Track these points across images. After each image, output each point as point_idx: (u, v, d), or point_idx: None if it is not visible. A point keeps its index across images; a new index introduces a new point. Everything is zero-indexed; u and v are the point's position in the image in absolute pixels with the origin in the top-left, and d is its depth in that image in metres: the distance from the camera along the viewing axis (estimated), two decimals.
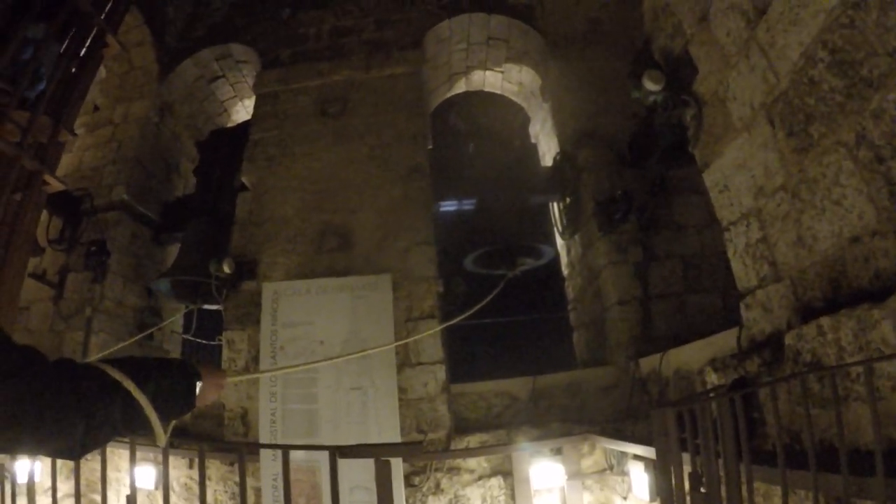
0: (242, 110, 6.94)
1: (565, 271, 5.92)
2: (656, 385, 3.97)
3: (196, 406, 1.16)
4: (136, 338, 5.19)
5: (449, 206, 5.49)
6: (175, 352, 6.10)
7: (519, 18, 5.76)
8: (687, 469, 2.31)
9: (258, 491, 4.08)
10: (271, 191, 5.15)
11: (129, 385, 0.98)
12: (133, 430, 1.02)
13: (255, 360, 4.46)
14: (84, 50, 4.49)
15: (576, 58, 5.45)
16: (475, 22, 5.85)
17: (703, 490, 2.11)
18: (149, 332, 5.41)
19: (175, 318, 5.92)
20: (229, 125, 6.92)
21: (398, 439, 3.99)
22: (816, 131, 2.28)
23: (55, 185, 4.20)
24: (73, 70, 4.41)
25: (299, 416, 4.19)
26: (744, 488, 1.98)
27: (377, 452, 2.18)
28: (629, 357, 4.39)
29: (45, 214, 4.96)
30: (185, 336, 6.02)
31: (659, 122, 4.29)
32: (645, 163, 4.85)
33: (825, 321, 2.21)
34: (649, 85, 3.28)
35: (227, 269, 4.69)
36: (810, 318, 2.35)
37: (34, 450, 0.92)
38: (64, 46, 4.33)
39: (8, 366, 0.82)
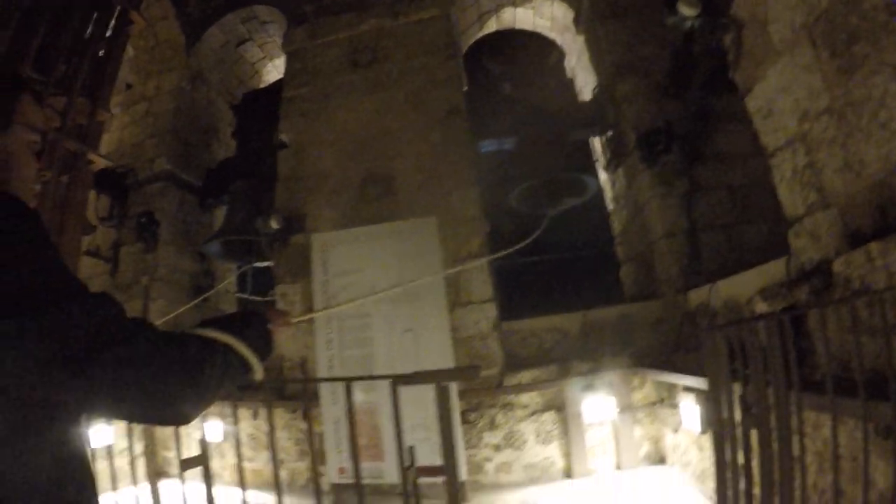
0: (273, 70, 7.02)
1: (610, 206, 5.90)
2: (705, 317, 4.01)
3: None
4: (193, 302, 5.45)
5: (490, 146, 5.49)
6: (231, 311, 6.45)
7: None
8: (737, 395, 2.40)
9: (321, 436, 4.39)
10: (310, 145, 5.28)
11: (228, 339, 1.05)
12: (233, 383, 1.08)
13: (310, 310, 4.70)
14: (110, 30, 4.63)
15: None
16: None
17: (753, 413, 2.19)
18: (204, 296, 5.72)
19: (229, 279, 6.23)
20: (261, 86, 7.01)
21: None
22: (860, 51, 2.21)
23: (100, 163, 4.43)
24: (103, 51, 4.57)
25: (355, 361, 4.41)
26: (794, 417, 2.06)
27: (437, 377, 2.33)
28: (677, 290, 4.42)
29: (92, 195, 5.22)
30: (238, 295, 6.35)
31: (697, 49, 4.18)
32: (685, 92, 4.74)
33: (874, 246, 2.21)
34: (685, 10, 3.19)
35: (274, 224, 4.89)
36: (859, 244, 2.35)
37: (142, 417, 0.95)
38: (90, 30, 4.48)
39: (121, 333, 0.86)
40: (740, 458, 2.27)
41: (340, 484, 4.24)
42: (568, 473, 4.17)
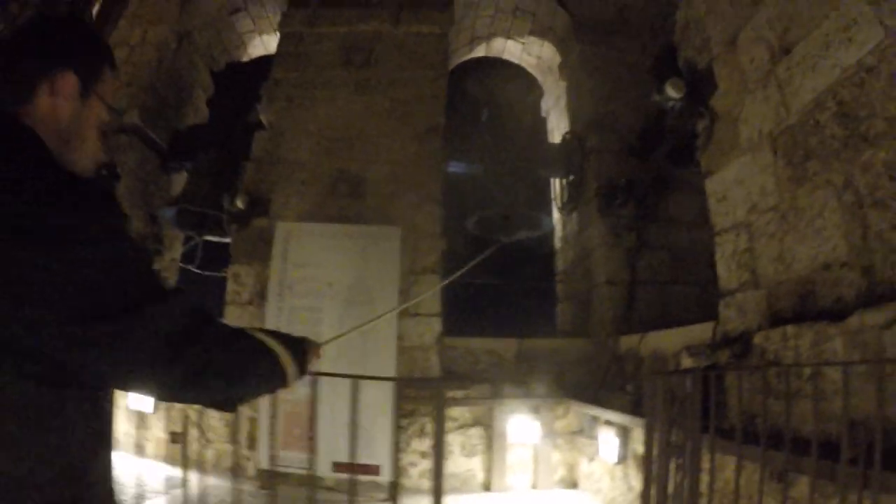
0: (260, 45, 7.09)
1: (558, 244, 6.40)
2: (632, 362, 4.52)
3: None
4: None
5: (457, 167, 5.85)
6: (173, 280, 6.42)
7: None
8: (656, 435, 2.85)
9: (252, 421, 4.57)
10: (289, 132, 5.44)
11: (281, 350, 1.20)
12: (269, 386, 1.24)
13: (260, 295, 4.86)
14: None
15: (599, 43, 5.78)
16: None
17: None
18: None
19: (176, 248, 6.23)
20: (245, 59, 7.07)
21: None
22: (812, 168, 2.72)
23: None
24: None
25: None
26: (705, 457, 2.52)
27: (439, 385, 2.63)
28: (609, 333, 4.93)
29: None
30: (183, 265, 6.34)
31: (670, 124, 4.72)
32: (649, 156, 5.29)
33: (790, 329, 2.71)
34: (671, 92, 3.67)
35: (240, 204, 5.02)
36: (778, 324, 2.86)
37: (195, 399, 1.09)
38: None
39: (190, 326, 0.94)
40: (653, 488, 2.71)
41: (268, 470, 4.41)
42: (487, 487, 4.55)
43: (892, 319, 2.09)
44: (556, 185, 6.10)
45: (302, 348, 1.30)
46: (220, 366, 1.01)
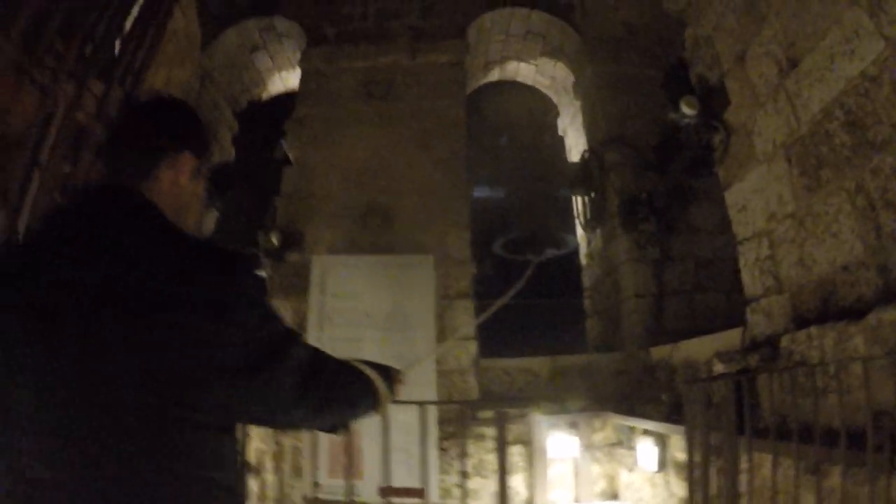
0: (279, 82, 7.47)
1: (583, 261, 6.63)
2: (665, 372, 4.71)
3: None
4: None
5: (480, 192, 6.13)
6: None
7: (559, 16, 6.32)
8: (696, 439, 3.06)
9: (297, 449, 4.84)
10: (317, 167, 5.77)
11: (378, 381, 1.38)
12: (368, 412, 1.40)
13: (299, 327, 5.13)
14: (154, 20, 5.00)
15: (610, 60, 6.06)
16: (516, 15, 6.41)
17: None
18: None
19: None
20: (264, 96, 7.46)
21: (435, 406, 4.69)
22: (825, 175, 2.95)
23: None
24: (143, 39, 4.94)
25: None
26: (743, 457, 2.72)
27: (499, 405, 2.84)
28: (640, 345, 5.12)
29: None
30: None
31: (685, 138, 4.97)
32: (667, 168, 5.52)
33: (814, 330, 2.91)
34: (686, 110, 3.93)
35: (274, 240, 5.33)
36: (803, 326, 3.06)
37: (312, 428, 1.35)
38: (136, 15, 4.86)
39: (313, 365, 1.12)
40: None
41: (314, 498, 4.64)
42: (530, 503, 4.74)
43: None
44: (577, 202, 6.34)
45: (390, 375, 1.48)
46: (335, 397, 1.23)
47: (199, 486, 0.91)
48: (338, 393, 1.24)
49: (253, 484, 4.78)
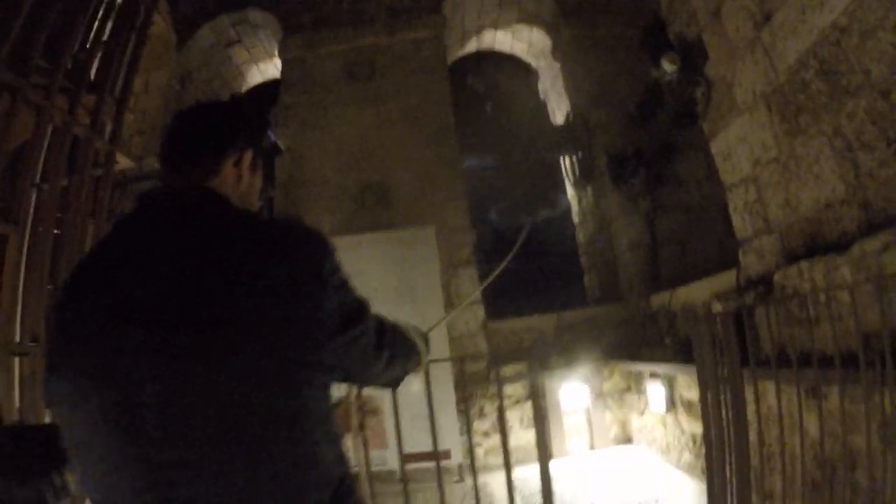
0: (258, 74, 7.54)
1: (576, 219, 6.87)
2: (665, 318, 5.00)
3: None
4: None
5: (469, 162, 6.32)
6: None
7: None
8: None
9: None
10: (308, 153, 5.92)
11: (422, 346, 1.52)
12: (412, 370, 1.55)
13: None
14: (133, 28, 5.06)
15: (587, 23, 6.21)
16: None
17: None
18: None
19: None
20: (244, 88, 7.52)
21: (448, 370, 4.93)
22: (804, 121, 3.18)
23: (125, 163, 4.91)
24: (125, 47, 4.99)
25: None
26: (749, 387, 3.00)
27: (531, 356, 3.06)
28: (640, 294, 5.41)
29: None
30: None
31: (668, 93, 5.17)
32: (651, 123, 5.74)
33: (804, 265, 3.18)
34: (667, 66, 4.13)
35: None
36: (793, 261, 3.33)
37: (384, 382, 1.41)
38: (111, 26, 4.91)
39: (380, 321, 1.25)
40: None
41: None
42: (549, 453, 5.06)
43: (887, 244, 2.55)
44: (565, 162, 6.56)
45: (424, 336, 1.59)
46: (397, 354, 1.37)
47: (325, 440, 1.02)
48: (399, 349, 1.36)
49: None
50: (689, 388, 4.17)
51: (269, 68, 7.44)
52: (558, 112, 6.89)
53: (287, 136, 5.96)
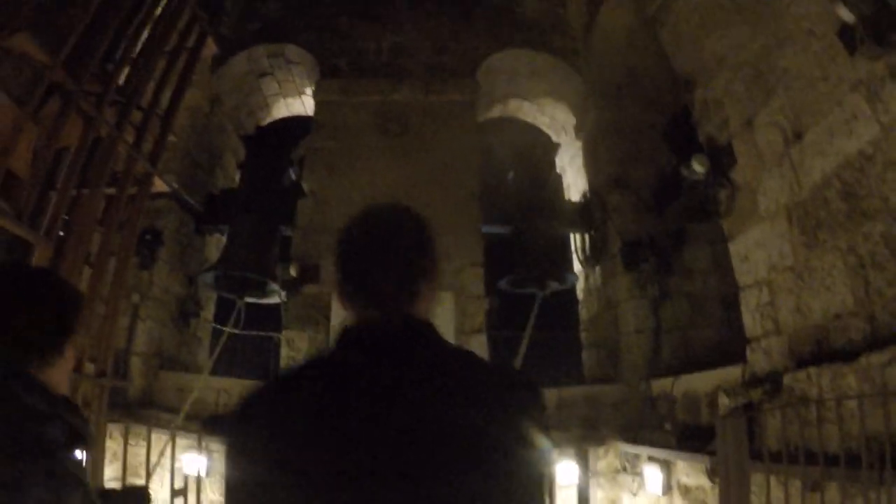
0: (284, 108, 8.00)
1: (580, 295, 7.32)
2: (665, 403, 5.39)
3: None
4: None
5: (488, 229, 6.75)
6: (206, 340, 7.13)
7: (563, 59, 7.09)
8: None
9: None
10: (332, 200, 6.28)
11: None
12: None
13: None
14: (186, 49, 5.35)
15: (613, 105, 6.82)
16: (522, 57, 7.15)
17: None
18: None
19: (209, 308, 6.96)
20: (268, 121, 7.97)
21: None
22: (821, 236, 3.68)
23: (160, 187, 5.17)
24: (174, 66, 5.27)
25: None
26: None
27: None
28: (641, 377, 5.81)
29: None
30: (216, 326, 7.06)
31: (689, 187, 5.73)
32: (664, 211, 6.28)
33: (812, 370, 3.62)
34: (697, 167, 4.66)
35: (292, 272, 5.83)
36: (799, 364, 3.77)
37: None
38: (171, 46, 5.20)
39: None
40: None
41: None
42: None
43: (892, 358, 3.01)
44: (575, 240, 7.05)
45: None
46: None
47: None
48: None
49: None
50: (688, 475, 4.54)
51: (296, 104, 7.89)
52: (574, 188, 7.44)
53: (312, 179, 6.35)
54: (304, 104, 7.85)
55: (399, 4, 7.30)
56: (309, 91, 7.32)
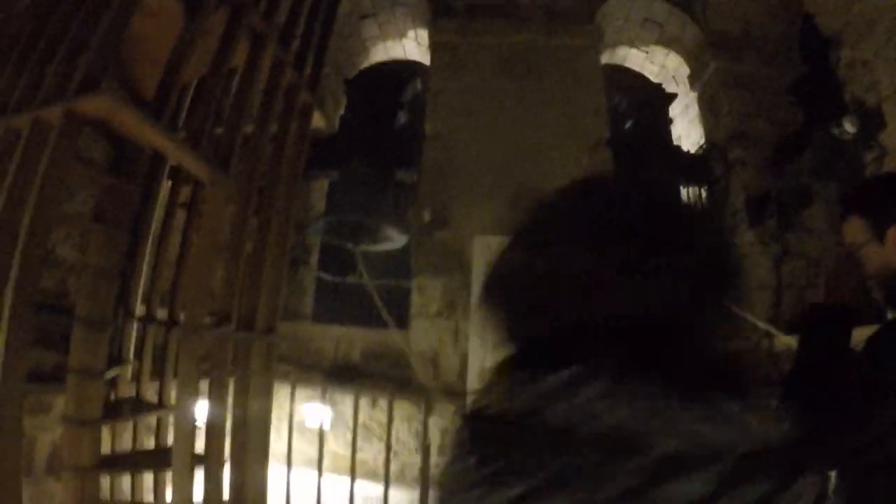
0: (382, 51, 8.63)
1: None
2: (788, 359, 6.23)
3: None
4: None
5: None
6: (311, 288, 7.85)
7: (680, 7, 7.74)
8: None
9: (445, 430, 5.57)
10: (457, 144, 6.96)
11: None
12: None
13: (450, 306, 6.30)
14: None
15: (732, 57, 7.51)
16: (638, 3, 7.81)
17: None
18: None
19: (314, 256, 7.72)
20: (366, 65, 8.62)
21: None
22: None
23: (317, 121, 5.73)
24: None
25: None
26: None
27: None
28: (763, 334, 6.65)
29: None
30: (321, 275, 7.80)
31: (816, 141, 6.47)
32: (784, 168, 7.02)
33: None
34: (849, 127, 5.42)
35: (426, 217, 6.57)
36: None
37: None
38: None
39: None
40: None
41: None
42: None
43: None
44: (687, 192, 7.82)
45: None
46: None
47: None
48: None
49: None
50: None
51: (396, 48, 8.53)
52: (686, 139, 8.17)
53: (436, 121, 7.02)
54: (404, 48, 8.47)
55: None
56: (411, 34, 7.96)
